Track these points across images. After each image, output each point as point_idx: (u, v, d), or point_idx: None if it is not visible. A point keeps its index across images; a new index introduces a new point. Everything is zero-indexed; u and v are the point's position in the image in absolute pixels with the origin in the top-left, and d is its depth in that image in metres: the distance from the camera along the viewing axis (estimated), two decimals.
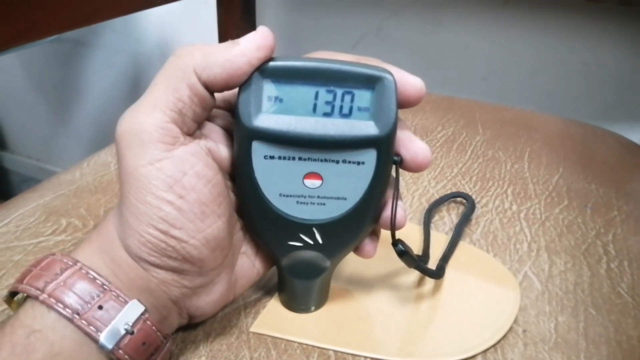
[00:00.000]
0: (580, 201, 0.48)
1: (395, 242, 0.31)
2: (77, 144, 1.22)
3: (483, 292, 0.36)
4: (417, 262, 0.33)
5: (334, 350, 0.32)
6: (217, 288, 0.29)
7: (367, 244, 0.32)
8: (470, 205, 0.44)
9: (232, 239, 0.29)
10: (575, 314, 0.35)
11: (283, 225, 0.29)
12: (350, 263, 0.37)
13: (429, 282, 0.37)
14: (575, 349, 0.33)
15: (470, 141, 0.57)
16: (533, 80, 0.80)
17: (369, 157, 0.27)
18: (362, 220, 0.30)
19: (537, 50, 0.78)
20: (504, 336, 0.33)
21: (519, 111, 0.67)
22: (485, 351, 0.32)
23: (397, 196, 0.29)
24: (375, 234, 0.32)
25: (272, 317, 0.33)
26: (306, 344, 0.32)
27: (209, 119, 0.29)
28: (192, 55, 0.25)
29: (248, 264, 0.31)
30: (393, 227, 0.30)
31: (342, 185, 0.28)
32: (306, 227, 0.29)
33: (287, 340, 0.32)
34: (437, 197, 0.46)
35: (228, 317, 0.33)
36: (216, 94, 0.27)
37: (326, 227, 0.29)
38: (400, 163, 0.28)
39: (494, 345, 0.32)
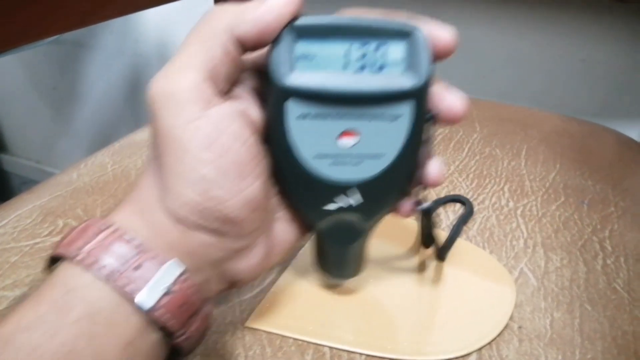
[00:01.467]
0: (576, 197, 0.48)
1: (419, 201, 0.31)
2: (77, 145, 1.22)
3: (479, 289, 0.36)
4: (433, 228, 0.32)
5: (329, 347, 0.32)
6: (256, 252, 0.28)
7: (405, 203, 0.31)
8: (468, 209, 0.44)
9: (269, 203, 0.29)
10: (571, 310, 0.35)
11: (319, 188, 0.28)
12: None
13: (424, 279, 0.37)
14: (570, 345, 0.33)
15: (467, 139, 0.57)
16: (531, 78, 0.80)
17: (404, 110, 0.27)
18: (400, 178, 0.29)
19: (535, 47, 0.78)
20: (500, 333, 0.33)
21: (516, 108, 0.67)
22: (480, 349, 0.32)
23: (430, 148, 0.29)
24: (411, 194, 0.31)
25: (267, 312, 0.34)
26: (301, 340, 0.32)
27: (239, 81, 0.28)
28: (223, 13, 0.25)
29: (285, 229, 0.30)
30: (422, 180, 0.29)
31: (378, 142, 0.27)
32: (342, 189, 0.28)
33: (282, 337, 0.32)
34: (434, 196, 0.46)
35: (223, 314, 0.33)
36: (245, 56, 0.27)
37: (363, 187, 0.28)
38: (436, 116, 0.28)
39: (489, 343, 0.32)
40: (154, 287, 0.24)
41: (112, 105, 1.14)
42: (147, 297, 0.24)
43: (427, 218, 0.32)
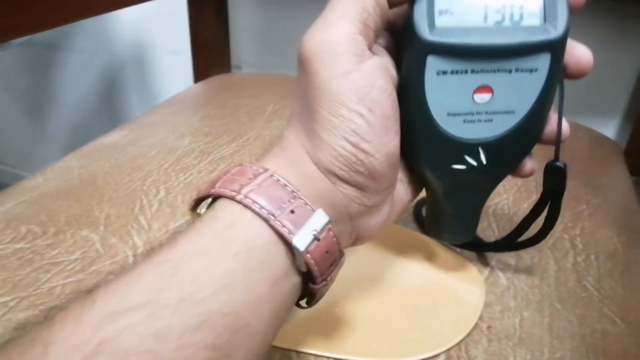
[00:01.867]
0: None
1: (557, 157, 0.31)
2: (54, 149, 1.20)
3: (448, 288, 0.36)
4: (562, 188, 0.32)
5: (296, 352, 0.31)
6: (384, 209, 0.29)
7: (527, 162, 0.31)
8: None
9: (398, 162, 0.29)
10: (541, 308, 0.35)
11: (449, 147, 0.28)
12: None
13: (393, 280, 0.36)
14: (539, 344, 0.33)
15: None
16: None
17: (543, 62, 0.26)
18: (529, 135, 0.29)
19: None
20: (469, 333, 0.33)
21: None
22: (449, 349, 0.32)
23: (562, 104, 0.29)
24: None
25: None
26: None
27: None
28: None
29: (402, 190, 0.31)
30: (559, 137, 0.29)
31: (511, 97, 0.27)
32: (472, 147, 0.28)
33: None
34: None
35: None
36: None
37: (492, 146, 0.28)
38: (564, 71, 0.28)
39: (458, 343, 0.32)
40: (306, 231, 0.25)
41: (88, 108, 1.12)
42: (300, 240, 0.25)
43: (560, 176, 0.32)
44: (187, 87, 0.73)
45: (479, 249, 0.39)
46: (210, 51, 0.80)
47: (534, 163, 0.31)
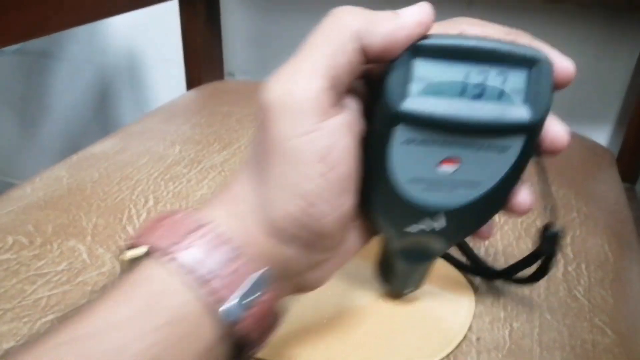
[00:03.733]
0: (539, 203, 0.47)
1: (550, 224, 0.31)
2: (45, 158, 1.20)
3: (437, 299, 0.36)
4: (555, 255, 0.32)
5: None
6: (332, 262, 0.28)
7: (488, 226, 0.30)
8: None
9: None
10: (530, 319, 0.35)
11: (409, 210, 0.28)
12: None
13: (380, 290, 0.36)
14: (529, 356, 0.32)
15: None
16: None
17: (516, 143, 0.25)
18: (492, 207, 0.29)
19: None
20: (458, 345, 0.33)
21: None
22: None
23: (548, 181, 0.29)
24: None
25: None
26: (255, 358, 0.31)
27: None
28: (354, 18, 0.24)
29: (354, 238, 0.29)
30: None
31: (479, 170, 0.26)
32: (432, 213, 0.28)
33: None
34: None
35: None
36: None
37: (453, 213, 0.28)
38: (540, 148, 0.27)
39: (447, 355, 0.32)
40: (243, 297, 0.23)
41: (80, 117, 1.12)
42: (234, 308, 0.23)
43: (553, 243, 0.32)
44: (179, 95, 0.73)
45: (474, 272, 0.38)
46: (203, 59, 0.80)
47: (492, 228, 0.31)
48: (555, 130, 0.27)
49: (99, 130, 1.11)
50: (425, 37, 0.24)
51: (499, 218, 0.30)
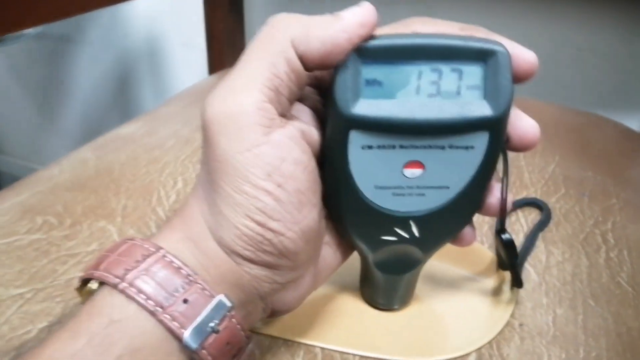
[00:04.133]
0: (577, 189, 0.46)
1: (503, 230, 0.29)
2: (66, 142, 1.20)
3: (477, 285, 0.35)
4: (516, 257, 0.30)
5: (321, 347, 0.30)
6: (305, 281, 0.27)
7: (467, 232, 0.28)
8: (545, 215, 0.41)
9: (321, 230, 0.27)
10: (574, 305, 0.34)
11: (377, 219, 0.26)
12: None
13: (421, 277, 0.35)
14: (573, 342, 0.31)
15: None
16: None
17: (480, 140, 0.24)
18: (466, 209, 0.27)
19: (530, 37, 0.76)
20: (500, 331, 0.32)
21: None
22: (480, 348, 0.31)
23: (507, 179, 0.26)
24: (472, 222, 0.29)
25: None
26: (291, 341, 0.30)
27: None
28: (290, 26, 0.23)
29: (330, 254, 0.28)
30: (504, 211, 0.27)
31: (445, 173, 0.25)
32: (402, 220, 0.26)
33: (272, 337, 0.30)
34: None
35: None
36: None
37: (425, 219, 0.26)
38: (507, 142, 0.25)
39: (489, 342, 0.31)
40: (202, 324, 0.22)
41: (101, 101, 1.12)
42: (194, 336, 0.22)
43: (509, 249, 0.30)
44: (201, 80, 0.72)
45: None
46: (225, 43, 0.79)
47: (474, 232, 0.29)
48: (523, 125, 0.25)
49: (119, 115, 1.11)
50: (372, 37, 0.23)
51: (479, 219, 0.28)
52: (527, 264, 0.37)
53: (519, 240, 0.39)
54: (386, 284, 0.31)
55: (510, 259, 0.30)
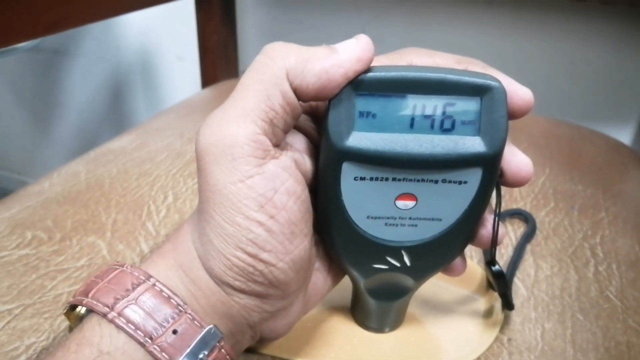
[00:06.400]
0: (566, 203, 0.46)
1: (493, 262, 0.29)
2: (60, 155, 1.20)
3: (465, 300, 0.35)
4: (507, 288, 0.31)
5: None
6: (294, 309, 0.27)
7: (457, 262, 0.29)
8: (531, 227, 0.41)
9: (312, 258, 0.27)
10: (562, 320, 0.34)
11: (369, 247, 0.27)
12: None
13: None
14: (562, 357, 0.31)
15: None
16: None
17: (473, 176, 0.24)
18: (458, 241, 0.27)
19: (523, 50, 0.77)
20: (489, 346, 0.32)
21: None
22: None
23: (499, 213, 0.27)
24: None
25: None
26: (281, 359, 0.30)
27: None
28: (286, 58, 0.23)
29: (321, 279, 0.28)
30: (494, 244, 0.27)
31: (438, 205, 0.25)
32: (394, 250, 0.27)
33: (261, 355, 0.30)
34: None
35: None
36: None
37: (416, 249, 0.27)
38: (500, 177, 0.26)
39: (478, 357, 0.31)
40: (191, 356, 0.22)
41: (95, 114, 1.12)
42: None
43: (498, 282, 0.30)
44: (194, 93, 0.72)
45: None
46: (218, 56, 0.79)
47: (464, 263, 0.29)
48: (518, 161, 0.25)
49: (113, 128, 1.11)
50: (368, 70, 0.23)
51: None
52: (516, 278, 0.37)
53: (507, 254, 0.39)
54: (377, 310, 0.31)
55: (500, 289, 0.31)
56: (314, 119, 0.27)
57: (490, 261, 0.29)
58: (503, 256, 0.39)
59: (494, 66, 0.26)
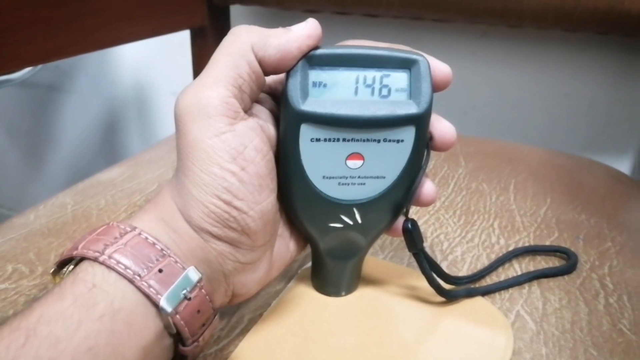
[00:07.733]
0: (571, 232, 0.45)
1: (407, 216, 0.32)
2: (52, 191, 1.18)
3: (472, 335, 0.33)
4: (419, 248, 0.32)
5: None
6: (262, 266, 0.30)
7: (398, 223, 0.33)
8: (572, 261, 0.40)
9: (276, 218, 0.30)
10: (575, 356, 0.32)
11: (325, 207, 0.31)
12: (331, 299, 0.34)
13: (411, 327, 0.33)
14: None
15: (452, 174, 0.55)
16: (514, 113, 0.78)
17: (408, 134, 0.29)
18: (399, 198, 0.31)
19: (518, 82, 0.76)
20: None
21: (501, 143, 0.65)
22: None
23: (424, 170, 0.31)
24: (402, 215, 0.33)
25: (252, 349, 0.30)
26: None
27: (258, 101, 0.30)
28: (250, 34, 0.27)
29: (284, 246, 0.32)
30: (412, 195, 0.31)
31: (381, 164, 0.30)
32: (347, 208, 0.31)
33: None
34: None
35: None
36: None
37: (366, 207, 0.31)
38: (430, 140, 0.31)
39: None
40: (175, 291, 0.25)
41: (88, 150, 1.11)
42: (168, 301, 0.24)
43: (407, 235, 0.32)
44: None
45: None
46: None
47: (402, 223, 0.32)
48: (443, 126, 0.31)
49: (106, 163, 1.09)
50: (317, 48, 0.28)
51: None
52: (524, 311, 0.35)
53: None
54: (334, 272, 0.34)
55: (409, 248, 0.33)
56: (274, 98, 0.31)
57: (406, 219, 0.32)
58: None
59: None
